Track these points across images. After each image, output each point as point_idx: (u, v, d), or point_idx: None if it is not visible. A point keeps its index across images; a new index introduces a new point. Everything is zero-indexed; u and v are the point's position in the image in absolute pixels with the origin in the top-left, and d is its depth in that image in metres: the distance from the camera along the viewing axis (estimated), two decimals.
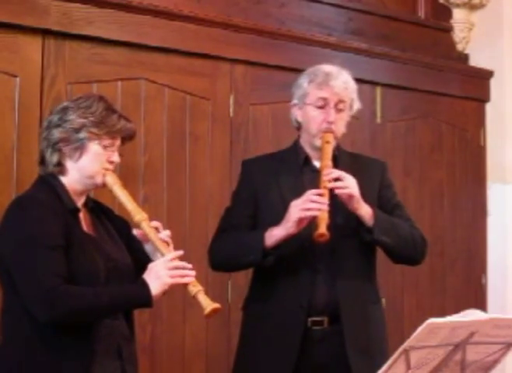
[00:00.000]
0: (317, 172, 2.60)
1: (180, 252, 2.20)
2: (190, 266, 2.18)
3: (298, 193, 2.56)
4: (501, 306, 4.59)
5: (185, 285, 2.16)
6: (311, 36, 4.01)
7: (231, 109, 3.73)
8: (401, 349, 1.82)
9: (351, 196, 2.54)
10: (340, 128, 2.66)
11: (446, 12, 4.76)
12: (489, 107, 4.79)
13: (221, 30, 3.66)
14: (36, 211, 2.13)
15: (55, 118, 2.23)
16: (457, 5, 4.73)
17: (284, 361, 2.58)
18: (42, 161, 2.26)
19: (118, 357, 2.21)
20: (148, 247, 2.30)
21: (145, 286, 2.12)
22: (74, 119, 2.20)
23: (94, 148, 2.21)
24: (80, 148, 2.21)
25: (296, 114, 2.72)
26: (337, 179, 2.54)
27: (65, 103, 2.28)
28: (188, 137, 3.59)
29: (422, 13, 4.66)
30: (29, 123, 3.08)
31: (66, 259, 2.11)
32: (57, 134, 2.21)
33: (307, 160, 2.71)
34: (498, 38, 4.69)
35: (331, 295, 2.60)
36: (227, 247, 2.67)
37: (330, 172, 2.54)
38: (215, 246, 2.73)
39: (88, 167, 2.22)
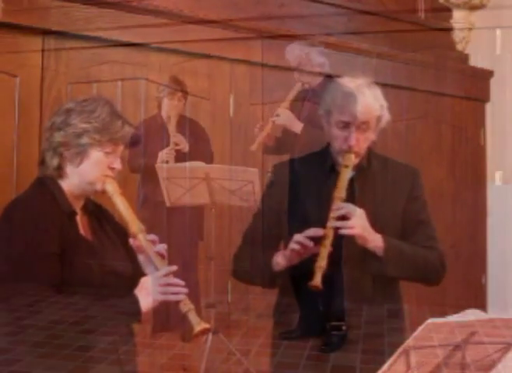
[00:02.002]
0: None
1: (174, 268, 2.16)
2: (182, 283, 2.14)
3: (323, 199, 2.55)
4: (501, 306, 4.59)
5: (176, 302, 2.14)
6: (311, 36, 4.01)
7: (231, 109, 3.72)
8: (401, 349, 1.82)
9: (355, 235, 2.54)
10: (363, 146, 2.63)
11: (446, 12, 4.76)
12: (489, 107, 4.79)
13: (221, 30, 3.66)
14: (30, 217, 2.10)
15: (58, 120, 2.19)
16: (457, 5, 4.73)
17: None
18: (42, 162, 2.24)
19: (116, 357, 2.20)
20: (141, 258, 2.24)
21: (135, 301, 2.10)
22: (76, 123, 2.16)
23: (95, 154, 2.17)
24: (81, 154, 2.17)
25: (324, 123, 2.71)
26: (344, 217, 2.53)
27: (70, 105, 2.22)
28: (188, 137, 3.59)
29: (422, 13, 4.65)
30: (29, 123, 3.08)
31: (60, 264, 2.09)
32: (58, 137, 2.17)
33: (334, 167, 2.71)
34: (498, 38, 4.69)
35: (346, 302, 2.62)
36: (243, 268, 2.69)
37: (339, 208, 2.53)
38: (235, 262, 2.75)
39: (88, 173, 2.19)
